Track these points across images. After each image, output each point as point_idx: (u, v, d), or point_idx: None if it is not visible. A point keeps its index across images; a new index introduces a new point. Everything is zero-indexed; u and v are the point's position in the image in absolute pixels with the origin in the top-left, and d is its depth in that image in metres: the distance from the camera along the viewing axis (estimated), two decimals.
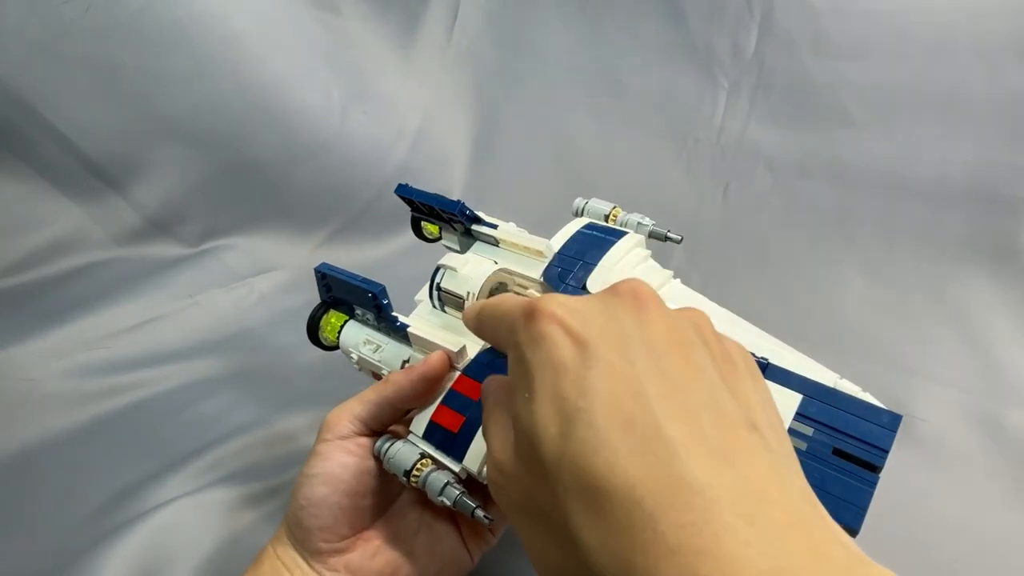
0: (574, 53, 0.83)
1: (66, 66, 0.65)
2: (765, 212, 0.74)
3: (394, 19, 0.82)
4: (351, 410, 0.36)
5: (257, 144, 0.74)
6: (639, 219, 0.47)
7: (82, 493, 0.51)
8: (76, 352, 0.61)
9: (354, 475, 0.35)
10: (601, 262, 0.42)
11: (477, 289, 0.39)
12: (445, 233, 0.50)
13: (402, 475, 0.34)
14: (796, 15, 0.71)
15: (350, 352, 0.42)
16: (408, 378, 0.36)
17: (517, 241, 0.44)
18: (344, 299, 0.43)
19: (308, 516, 0.34)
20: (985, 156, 0.66)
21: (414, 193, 0.46)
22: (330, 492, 0.34)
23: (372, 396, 0.36)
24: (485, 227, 0.45)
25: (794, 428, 0.30)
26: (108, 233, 0.72)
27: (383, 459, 0.35)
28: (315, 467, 0.35)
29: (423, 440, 0.36)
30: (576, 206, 0.49)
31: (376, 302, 0.39)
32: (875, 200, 0.70)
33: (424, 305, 0.43)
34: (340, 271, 0.41)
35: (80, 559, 0.44)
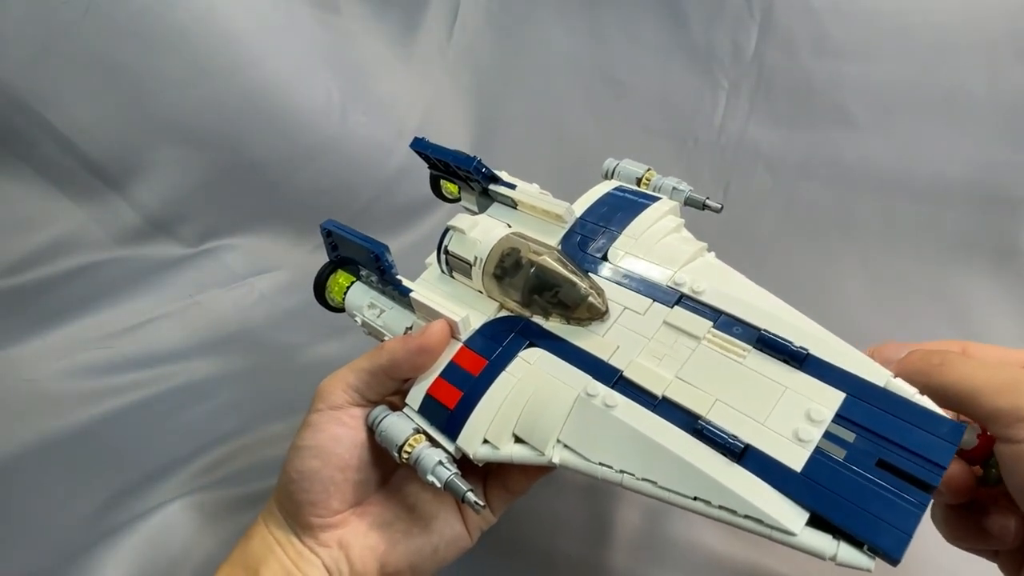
0: (574, 53, 0.82)
1: (66, 66, 0.65)
2: (765, 212, 0.74)
3: (394, 19, 0.82)
4: (344, 379, 0.35)
5: (257, 144, 0.74)
6: (675, 183, 0.43)
7: (82, 493, 0.51)
8: (76, 352, 0.61)
9: (347, 448, 0.34)
10: (627, 230, 0.38)
11: (485, 254, 0.36)
12: (464, 193, 0.48)
13: (394, 451, 0.32)
14: (796, 15, 0.71)
15: (354, 314, 0.41)
16: (404, 347, 0.34)
17: (536, 204, 0.40)
18: (351, 259, 0.41)
19: (298, 490, 0.33)
20: (985, 156, 0.66)
21: (430, 148, 0.44)
22: (321, 466, 0.33)
23: (366, 364, 0.34)
24: (503, 187, 0.42)
25: (832, 432, 0.26)
26: (108, 233, 0.72)
27: (375, 432, 0.33)
28: (306, 439, 0.33)
29: (418, 414, 0.34)
30: (607, 167, 0.45)
31: (379, 263, 0.37)
32: (875, 200, 0.70)
33: (432, 269, 0.40)
34: (345, 228, 0.39)
35: (80, 559, 0.44)
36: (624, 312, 0.34)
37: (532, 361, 0.33)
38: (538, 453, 0.31)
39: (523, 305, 0.36)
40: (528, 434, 0.31)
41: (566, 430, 0.30)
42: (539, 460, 0.30)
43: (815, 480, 0.25)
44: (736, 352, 0.31)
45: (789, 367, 0.29)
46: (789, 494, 0.25)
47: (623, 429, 0.29)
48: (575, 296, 0.34)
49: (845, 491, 0.25)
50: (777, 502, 0.25)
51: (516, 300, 0.36)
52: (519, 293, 0.35)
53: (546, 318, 0.35)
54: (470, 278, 0.37)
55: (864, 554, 0.24)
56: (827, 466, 0.26)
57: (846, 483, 0.25)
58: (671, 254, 0.36)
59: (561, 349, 0.33)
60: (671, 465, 0.27)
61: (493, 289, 0.36)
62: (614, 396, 0.30)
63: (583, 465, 0.30)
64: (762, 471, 0.26)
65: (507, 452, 0.31)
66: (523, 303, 0.36)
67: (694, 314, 0.33)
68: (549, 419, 0.31)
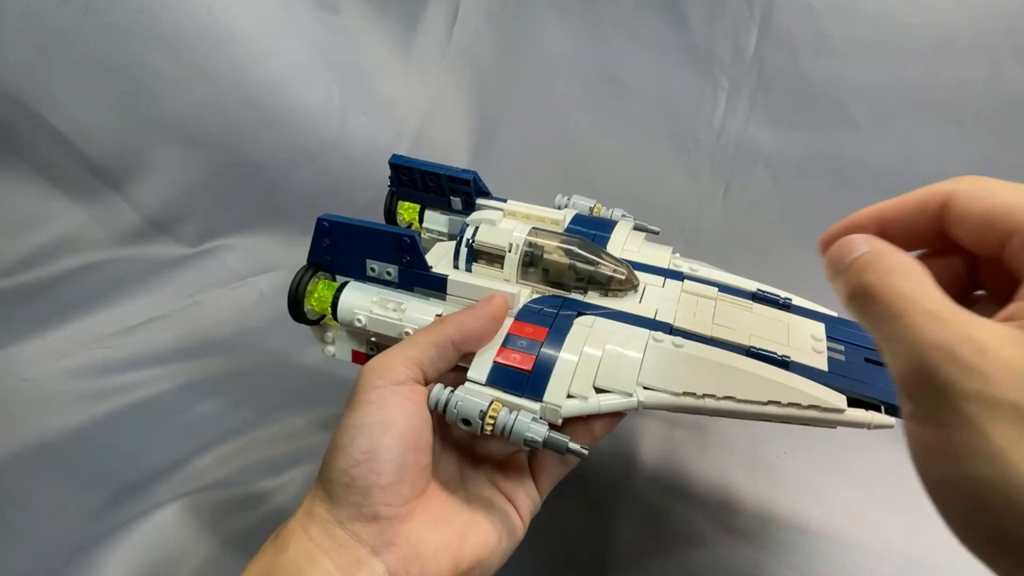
0: (574, 53, 0.82)
1: (66, 66, 0.65)
2: (765, 212, 0.74)
3: (394, 19, 0.82)
4: (404, 353, 0.32)
5: (257, 144, 0.74)
6: (622, 212, 0.48)
7: (82, 493, 0.51)
8: (76, 352, 0.61)
9: (417, 426, 0.31)
10: (610, 241, 0.44)
11: (522, 240, 0.38)
12: (431, 213, 0.48)
13: (477, 418, 0.31)
14: (796, 15, 0.71)
15: (355, 317, 0.38)
16: (475, 317, 0.33)
17: (530, 212, 0.44)
18: (348, 258, 0.39)
19: (367, 472, 0.29)
20: (985, 156, 0.66)
21: (413, 163, 0.44)
22: (394, 442, 0.30)
23: (431, 338, 0.32)
24: (494, 200, 0.45)
25: (830, 347, 0.36)
26: (108, 233, 0.72)
27: (445, 409, 0.32)
28: (370, 415, 0.30)
29: (487, 386, 0.33)
30: (558, 203, 0.49)
31: (413, 245, 0.36)
32: (875, 200, 0.70)
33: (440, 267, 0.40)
34: (354, 220, 0.37)
35: (80, 559, 0.44)
36: (646, 287, 0.40)
37: (589, 325, 0.36)
38: (625, 396, 0.33)
39: (558, 286, 0.39)
40: (611, 383, 0.34)
41: (644, 373, 0.34)
42: (627, 403, 0.33)
43: (839, 374, 0.35)
44: (744, 305, 0.39)
45: (782, 311, 0.40)
46: (828, 385, 0.34)
47: (696, 362, 0.34)
48: (611, 273, 0.38)
49: (860, 377, 0.34)
50: (825, 391, 0.33)
51: (551, 282, 0.38)
52: (554, 275, 0.38)
53: (584, 294, 0.39)
54: (499, 267, 0.38)
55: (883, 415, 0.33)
56: (841, 364, 0.35)
57: (858, 373, 0.35)
58: (655, 253, 0.44)
59: (610, 314, 0.37)
60: (744, 380, 0.33)
61: (526, 276, 0.39)
62: (678, 339, 0.35)
63: (667, 399, 0.33)
64: (804, 373, 0.34)
65: (594, 402, 0.33)
66: (559, 284, 0.38)
67: (701, 284, 0.40)
68: (627, 366, 0.34)
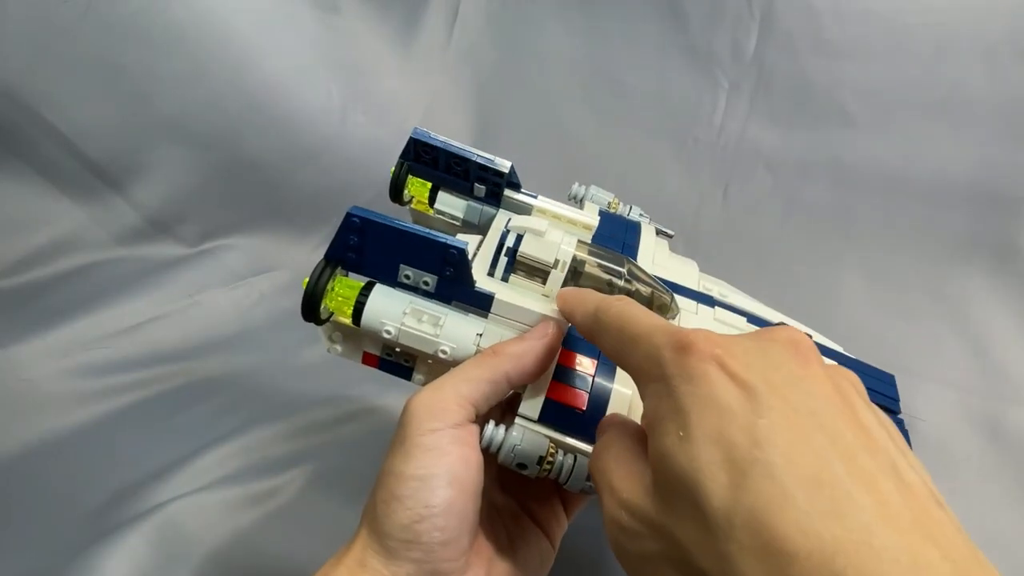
0: (574, 53, 0.82)
1: (66, 66, 0.65)
2: (765, 212, 0.74)
3: (394, 19, 0.82)
4: (458, 391, 0.29)
5: (257, 144, 0.74)
6: (640, 212, 0.47)
7: (82, 493, 0.51)
8: (76, 352, 0.61)
9: (476, 472, 0.29)
10: (640, 246, 0.42)
11: (569, 257, 0.34)
12: (447, 195, 0.44)
13: (534, 464, 0.30)
14: (796, 15, 0.71)
15: (384, 328, 0.33)
16: (533, 351, 0.30)
17: (560, 212, 0.40)
18: (378, 259, 0.34)
19: (431, 528, 0.27)
20: (985, 156, 0.66)
21: (439, 142, 0.40)
22: (457, 495, 0.27)
23: (484, 373, 0.30)
24: (524, 195, 0.42)
25: None
26: (108, 233, 0.72)
27: (500, 449, 0.30)
28: (431, 464, 0.27)
29: (540, 424, 0.31)
30: (574, 192, 0.47)
31: (461, 261, 0.32)
32: (875, 200, 0.70)
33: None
34: (392, 221, 0.32)
35: (80, 559, 0.44)
36: (681, 313, 0.39)
37: None
38: None
39: None
40: None
41: None
42: None
43: None
44: None
45: None
46: None
47: None
48: (654, 299, 0.36)
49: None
50: None
51: None
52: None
53: None
54: (542, 282, 0.35)
55: None
56: None
57: None
58: (683, 269, 0.43)
59: None
60: None
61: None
62: None
63: None
64: None
65: None
66: None
67: (731, 312, 0.40)
68: None
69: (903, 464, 0.19)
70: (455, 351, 0.33)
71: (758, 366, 0.20)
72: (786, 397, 0.19)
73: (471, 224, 0.44)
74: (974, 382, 0.61)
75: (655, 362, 0.21)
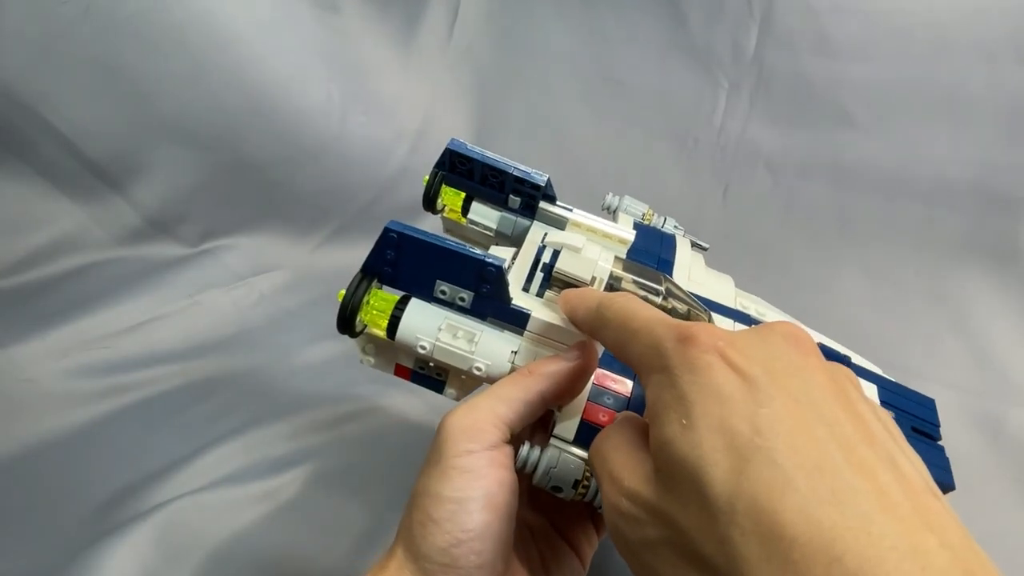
0: (574, 53, 0.83)
1: (66, 66, 0.65)
2: (765, 212, 0.74)
3: (394, 19, 0.82)
4: (493, 411, 0.29)
5: (257, 144, 0.74)
6: (674, 224, 0.46)
7: (82, 493, 0.51)
8: (76, 352, 0.61)
9: (511, 494, 0.29)
10: (676, 262, 0.41)
11: (607, 274, 0.34)
12: (480, 206, 0.44)
13: (570, 487, 0.30)
14: (796, 15, 0.71)
15: (419, 343, 0.33)
16: (569, 372, 0.30)
17: (596, 226, 0.40)
18: (414, 274, 0.34)
19: (468, 552, 0.27)
20: (985, 156, 0.66)
21: (476, 153, 0.40)
22: (494, 518, 0.27)
23: (519, 393, 0.30)
24: (559, 207, 0.41)
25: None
26: (108, 233, 0.72)
27: (536, 470, 0.30)
28: (468, 487, 0.27)
29: (575, 445, 0.31)
30: (608, 203, 0.47)
31: (499, 279, 0.32)
32: (875, 200, 0.70)
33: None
34: (429, 236, 0.32)
35: (80, 559, 0.44)
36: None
37: None
38: None
39: None
40: None
41: None
42: None
43: None
44: None
45: None
46: None
47: None
48: (692, 318, 0.35)
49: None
50: None
51: None
52: None
53: None
54: None
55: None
56: None
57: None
58: (719, 286, 0.42)
59: None
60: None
61: None
62: None
63: None
64: None
65: None
66: None
67: None
68: None
69: (900, 457, 0.19)
70: (490, 368, 0.33)
71: (759, 357, 0.20)
72: (787, 387, 0.19)
73: (504, 235, 0.44)
74: (974, 382, 0.61)
75: (657, 353, 0.22)
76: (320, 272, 0.75)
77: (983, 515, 0.50)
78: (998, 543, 0.48)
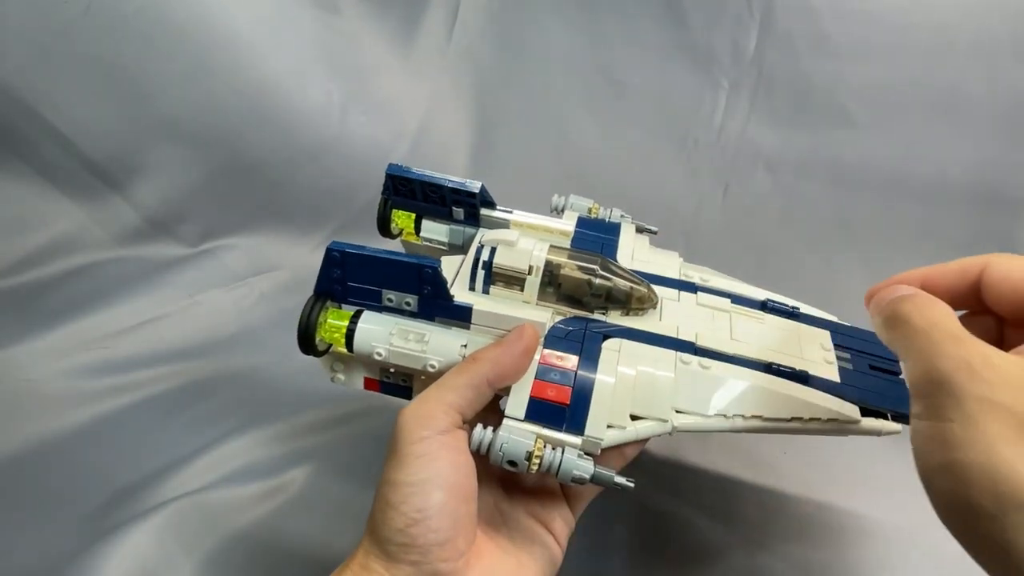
0: (574, 53, 0.82)
1: (66, 66, 0.65)
2: (765, 212, 0.74)
3: (394, 19, 0.82)
4: (443, 399, 0.31)
5: (257, 144, 0.74)
6: (620, 213, 0.48)
7: (82, 493, 0.51)
8: (76, 352, 0.61)
9: (466, 475, 0.30)
10: (619, 247, 0.44)
11: (542, 263, 0.37)
12: (430, 223, 0.46)
13: (523, 460, 0.31)
14: (796, 15, 0.71)
15: (374, 350, 0.36)
16: (510, 353, 0.32)
17: (537, 223, 0.43)
18: (361, 287, 0.37)
19: (426, 531, 0.28)
20: (985, 156, 0.66)
21: (412, 174, 0.42)
22: (448, 497, 0.29)
23: (464, 380, 0.32)
24: (499, 212, 0.44)
25: (838, 355, 0.39)
26: (108, 233, 0.72)
27: (489, 450, 0.32)
28: (422, 470, 0.29)
29: (526, 421, 0.32)
30: (555, 204, 0.49)
31: (435, 278, 0.34)
32: (875, 200, 0.70)
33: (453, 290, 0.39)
34: (368, 250, 0.35)
35: (80, 559, 0.44)
36: (663, 302, 0.40)
37: (617, 349, 0.36)
38: (661, 423, 0.34)
39: (580, 307, 0.38)
40: (646, 410, 0.34)
41: (676, 397, 0.35)
42: (663, 428, 0.34)
43: (850, 384, 0.37)
44: (756, 317, 0.40)
45: (790, 320, 0.41)
46: (842, 396, 0.36)
47: (724, 383, 0.35)
48: (632, 292, 0.38)
49: (869, 387, 0.37)
50: (841, 404, 0.35)
51: (569, 299, 0.38)
52: (571, 291, 0.37)
53: (604, 314, 0.38)
54: (520, 289, 0.37)
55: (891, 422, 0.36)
56: (850, 373, 0.37)
57: (867, 382, 0.37)
58: (664, 261, 0.44)
59: (635, 335, 0.37)
60: (769, 399, 0.35)
61: (545, 296, 0.38)
62: (704, 360, 0.36)
63: (700, 422, 0.34)
64: (820, 386, 0.36)
65: (632, 430, 0.34)
66: (580, 305, 0.38)
67: (714, 295, 0.41)
68: (661, 391, 0.34)
69: None
70: (443, 364, 0.35)
71: None
72: None
73: (456, 246, 0.46)
74: None
75: None
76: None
77: None
78: None
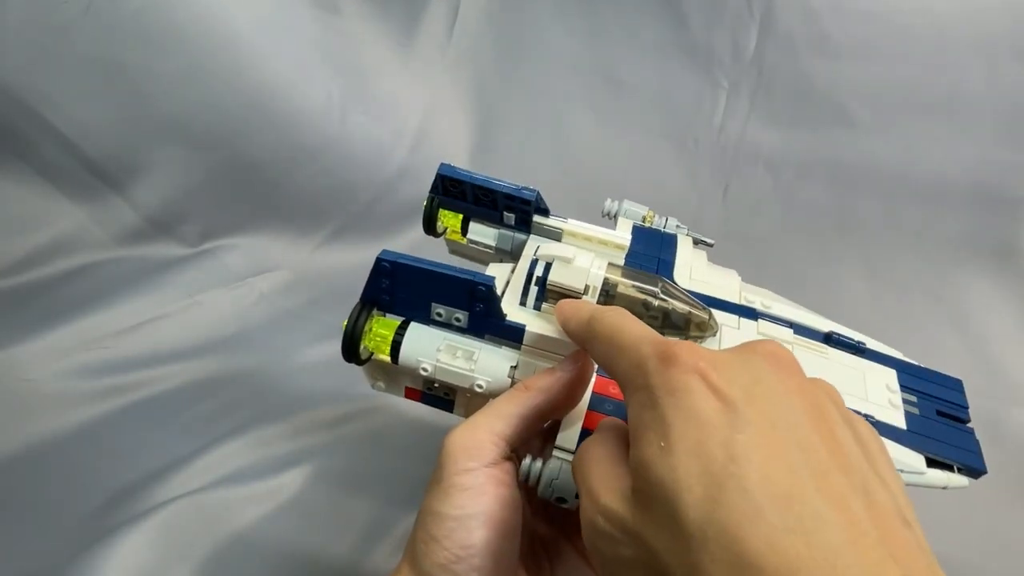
0: (574, 53, 0.83)
1: (66, 66, 0.65)
2: (765, 212, 0.74)
3: (394, 19, 0.82)
4: (491, 428, 0.29)
5: (257, 144, 0.74)
6: (676, 223, 0.46)
7: (82, 493, 0.51)
8: (76, 352, 0.61)
9: (513, 511, 0.29)
10: (676, 262, 0.42)
11: (600, 283, 0.34)
12: (478, 225, 0.44)
13: (573, 497, 0.30)
14: (796, 15, 0.71)
15: (420, 365, 0.34)
16: (563, 383, 0.30)
17: (591, 234, 0.41)
18: (410, 299, 0.35)
19: (468, 569, 0.27)
20: (985, 156, 0.66)
21: (465, 176, 0.40)
22: (493, 535, 0.28)
23: (515, 409, 0.30)
24: (554, 219, 0.42)
25: (905, 398, 0.36)
26: (108, 233, 0.72)
27: (539, 483, 0.30)
28: (468, 505, 0.28)
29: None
30: (607, 208, 0.47)
31: (489, 296, 0.33)
32: (875, 200, 0.70)
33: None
34: (420, 261, 0.33)
35: (80, 559, 0.44)
36: (723, 328, 0.37)
37: None
38: None
39: None
40: None
41: None
42: None
43: (916, 432, 0.34)
44: (820, 351, 0.38)
45: (855, 356, 0.38)
46: (907, 444, 0.33)
47: None
48: (691, 317, 0.36)
49: (936, 435, 0.34)
50: (906, 453, 0.33)
51: None
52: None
53: None
54: None
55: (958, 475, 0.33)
56: (916, 419, 0.35)
57: (934, 430, 0.35)
58: (723, 282, 0.42)
59: None
60: None
61: None
62: None
63: None
64: (884, 432, 0.33)
65: None
66: None
67: (775, 324, 0.39)
68: None
69: (874, 483, 0.19)
70: (491, 384, 0.33)
71: (740, 380, 0.20)
72: (765, 412, 0.19)
73: (504, 251, 0.44)
74: (974, 382, 0.60)
75: (640, 371, 0.22)
76: (320, 272, 0.75)
77: (983, 514, 0.50)
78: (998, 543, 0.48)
